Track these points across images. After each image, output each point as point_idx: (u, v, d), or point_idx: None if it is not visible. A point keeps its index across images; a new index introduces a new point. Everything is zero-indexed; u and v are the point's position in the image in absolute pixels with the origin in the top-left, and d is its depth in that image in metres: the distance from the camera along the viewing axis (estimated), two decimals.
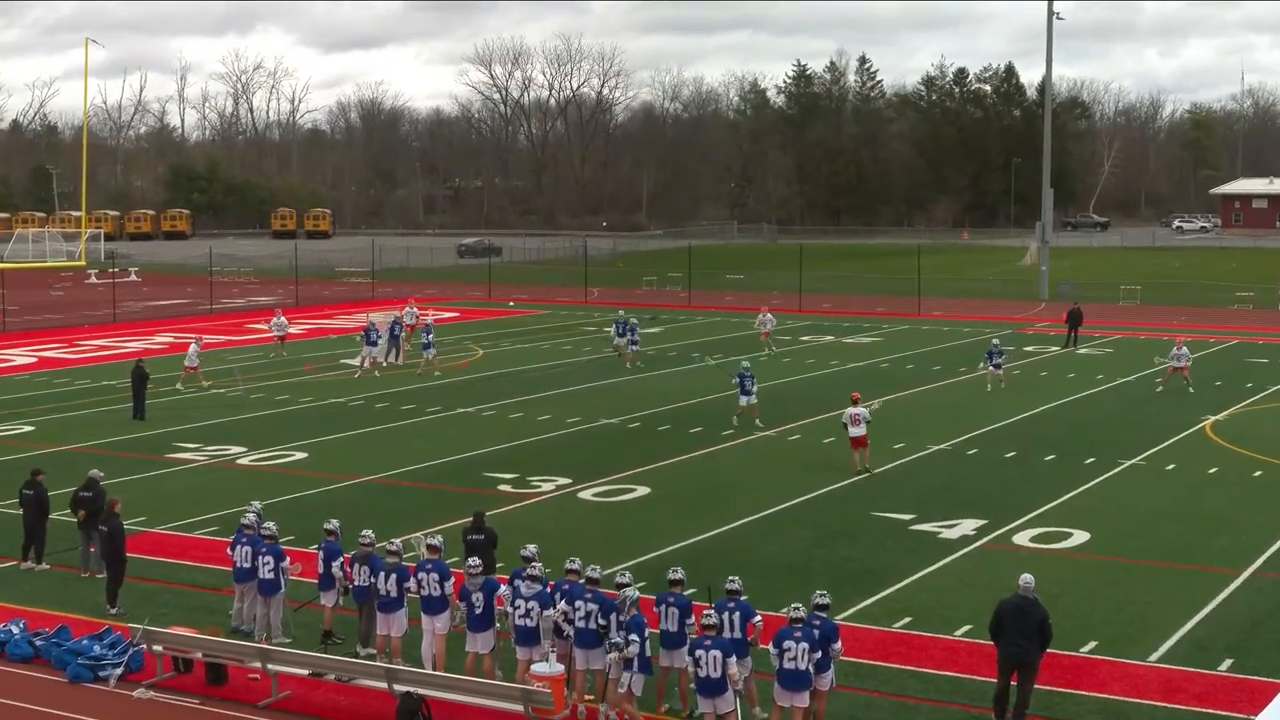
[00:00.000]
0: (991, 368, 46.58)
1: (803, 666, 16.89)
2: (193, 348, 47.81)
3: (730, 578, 18.45)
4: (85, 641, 20.16)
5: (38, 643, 20.42)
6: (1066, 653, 19.98)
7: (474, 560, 19.45)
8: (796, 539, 26.84)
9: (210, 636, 19.71)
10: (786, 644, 16.98)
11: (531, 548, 19.45)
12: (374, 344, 50.44)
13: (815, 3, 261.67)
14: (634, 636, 17.25)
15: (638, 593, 17.80)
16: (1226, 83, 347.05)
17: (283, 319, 55.61)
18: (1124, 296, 79.35)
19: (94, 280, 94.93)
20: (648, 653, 17.50)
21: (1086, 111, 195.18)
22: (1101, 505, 29.65)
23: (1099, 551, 25.94)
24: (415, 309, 59.36)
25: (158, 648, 19.61)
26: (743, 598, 18.07)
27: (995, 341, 48.37)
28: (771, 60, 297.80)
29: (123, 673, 19.52)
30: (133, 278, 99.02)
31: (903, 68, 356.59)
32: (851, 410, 32.70)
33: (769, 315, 58.43)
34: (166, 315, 73.24)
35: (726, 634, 17.47)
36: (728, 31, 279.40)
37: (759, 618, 18.02)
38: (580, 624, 18.01)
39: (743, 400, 38.89)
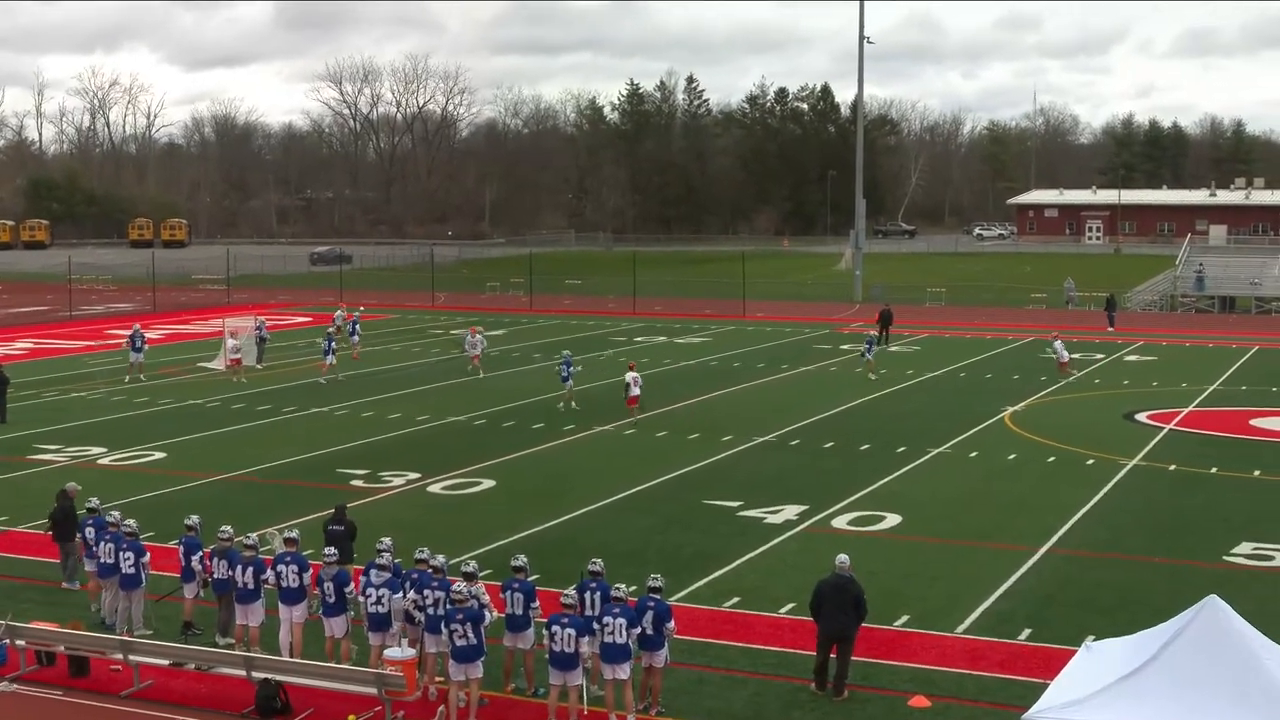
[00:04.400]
0: (869, 357, 48.85)
1: (621, 640, 16.99)
2: (231, 341, 49.49)
3: (593, 560, 18.48)
4: None
5: None
6: (881, 626, 20.31)
7: (330, 550, 19.26)
8: (634, 527, 26.94)
9: (72, 630, 19.25)
10: (606, 619, 17.10)
11: (386, 539, 19.33)
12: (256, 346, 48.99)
13: (652, 27, 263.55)
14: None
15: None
16: (1023, 102, 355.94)
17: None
18: (930, 298, 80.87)
19: None
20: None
21: (895, 128, 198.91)
22: (912, 490, 30.19)
23: (910, 533, 26.43)
24: (344, 310, 58.67)
25: (20, 642, 19.10)
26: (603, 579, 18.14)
27: (871, 334, 51.53)
28: (610, 80, 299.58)
29: None
30: None
31: (733, 87, 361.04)
32: (631, 375, 39.67)
33: (479, 338, 50.71)
34: (26, 322, 71.17)
35: (588, 611, 17.57)
36: (571, 53, 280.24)
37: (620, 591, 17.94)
38: (430, 610, 17.91)
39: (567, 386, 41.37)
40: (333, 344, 47.90)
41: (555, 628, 17.00)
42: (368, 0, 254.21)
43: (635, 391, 39.33)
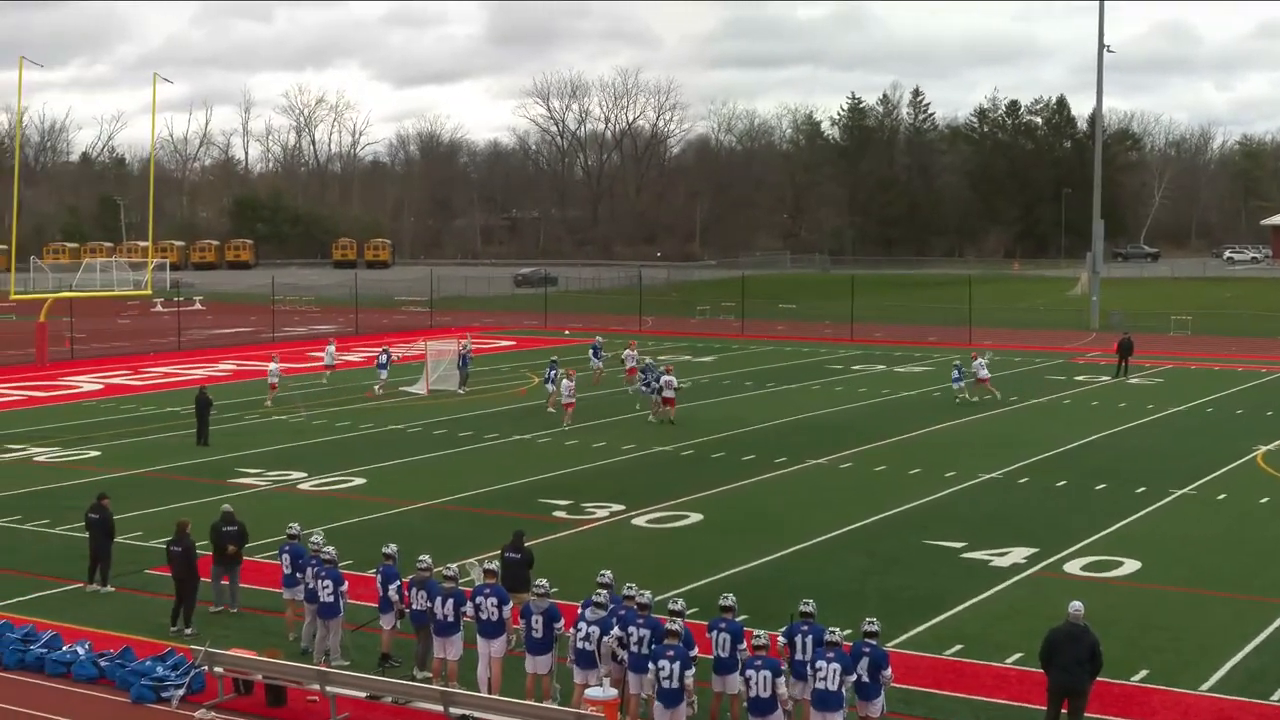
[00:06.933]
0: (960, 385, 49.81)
1: (833, 687, 16.83)
2: (271, 366, 50.33)
3: (804, 600, 18.37)
4: (148, 663, 20.29)
5: (103, 664, 20.55)
6: (1118, 681, 19.78)
7: (540, 582, 19.42)
8: (849, 566, 26.73)
9: (270, 659, 19.77)
10: (819, 664, 16.96)
11: (607, 574, 19.46)
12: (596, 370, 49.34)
13: (877, 39, 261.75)
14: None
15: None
16: None
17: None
18: (1175, 327, 78.68)
19: (160, 309, 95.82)
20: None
21: (1138, 143, 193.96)
22: (1152, 534, 29.39)
23: (1150, 580, 25.70)
24: (634, 352, 55.05)
25: (219, 669, 19.70)
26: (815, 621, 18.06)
27: (957, 362, 51.68)
28: (830, 94, 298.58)
29: (185, 694, 19.62)
30: (197, 306, 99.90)
31: (962, 101, 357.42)
32: (666, 378, 44.04)
33: (573, 382, 44.95)
34: (230, 343, 73.75)
35: (798, 656, 17.56)
36: (790, 66, 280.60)
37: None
38: (634, 649, 17.99)
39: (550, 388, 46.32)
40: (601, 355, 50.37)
41: (750, 671, 16.95)
42: (585, 2, 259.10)
43: (669, 394, 43.96)
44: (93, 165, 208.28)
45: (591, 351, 55.31)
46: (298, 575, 21.78)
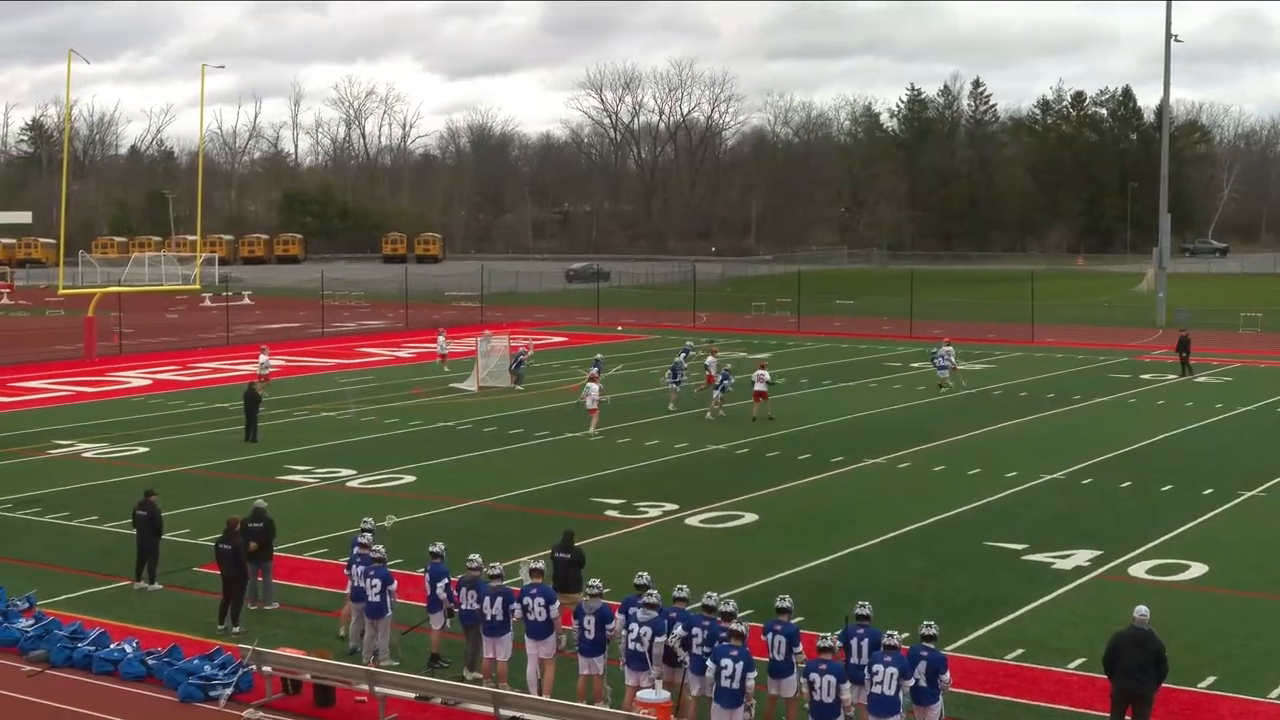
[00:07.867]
0: (939, 370, 52.43)
1: (890, 692, 16.74)
2: (263, 358, 51.67)
3: (860, 603, 18.29)
4: (196, 661, 20.43)
5: (150, 662, 20.71)
6: (1184, 688, 19.60)
7: (594, 583, 19.43)
8: (907, 568, 26.61)
9: (318, 658, 19.87)
10: (875, 668, 16.89)
11: (645, 575, 19.44)
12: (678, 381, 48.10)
13: (940, 29, 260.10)
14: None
15: None
16: None
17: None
18: (1244, 324, 77.93)
19: (208, 303, 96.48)
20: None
21: (1206, 135, 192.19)
22: (1221, 537, 29.11)
23: (1218, 584, 25.46)
24: (707, 354, 52.48)
25: (267, 668, 19.82)
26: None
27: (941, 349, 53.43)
28: (889, 85, 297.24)
29: (233, 693, 19.75)
30: (246, 301, 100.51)
31: (1025, 92, 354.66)
32: (759, 372, 45.21)
33: (596, 385, 44.07)
34: (279, 338, 74.15)
35: (854, 659, 17.49)
36: (849, 57, 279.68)
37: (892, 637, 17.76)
38: (696, 650, 17.98)
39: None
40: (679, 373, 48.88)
41: (814, 675, 16.92)
42: (640, 1, 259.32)
43: (759, 388, 44.69)
44: (141, 159, 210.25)
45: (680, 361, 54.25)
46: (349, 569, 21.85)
